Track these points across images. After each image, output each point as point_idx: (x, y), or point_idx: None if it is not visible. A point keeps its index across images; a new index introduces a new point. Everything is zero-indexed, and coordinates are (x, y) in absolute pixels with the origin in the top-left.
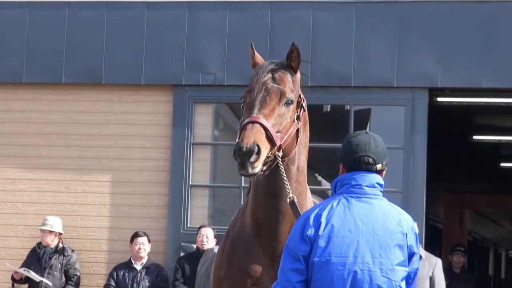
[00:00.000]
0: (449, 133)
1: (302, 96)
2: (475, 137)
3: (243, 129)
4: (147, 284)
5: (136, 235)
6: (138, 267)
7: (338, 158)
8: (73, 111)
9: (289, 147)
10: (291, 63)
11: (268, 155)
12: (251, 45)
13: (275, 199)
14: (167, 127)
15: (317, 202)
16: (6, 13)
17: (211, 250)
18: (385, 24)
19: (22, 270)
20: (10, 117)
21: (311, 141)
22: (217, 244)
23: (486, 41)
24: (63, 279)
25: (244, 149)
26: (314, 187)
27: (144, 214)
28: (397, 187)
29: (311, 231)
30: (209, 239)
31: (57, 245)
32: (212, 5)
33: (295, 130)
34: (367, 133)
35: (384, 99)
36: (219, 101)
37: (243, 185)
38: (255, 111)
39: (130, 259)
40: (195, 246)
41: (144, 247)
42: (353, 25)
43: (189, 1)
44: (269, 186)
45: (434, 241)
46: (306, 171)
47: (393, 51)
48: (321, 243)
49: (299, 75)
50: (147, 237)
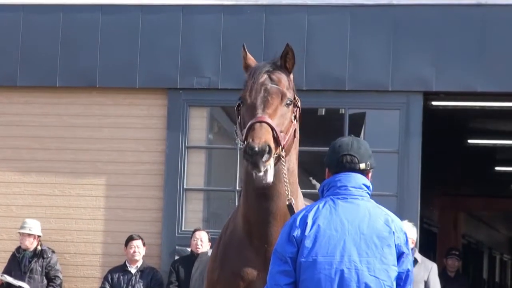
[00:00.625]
0: (444, 137)
1: (296, 96)
2: (470, 141)
3: (250, 129)
4: (142, 287)
5: (130, 239)
6: (133, 270)
7: (324, 163)
8: (68, 115)
9: (289, 148)
10: (285, 64)
11: (275, 155)
12: (243, 46)
13: (266, 200)
14: (162, 130)
15: (309, 204)
16: (0, 16)
17: (206, 253)
18: (380, 28)
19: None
20: (4, 120)
21: (305, 144)
22: (211, 247)
23: (480, 45)
24: (44, 281)
25: (256, 148)
26: (308, 190)
27: (138, 217)
28: (391, 190)
29: (297, 232)
30: (203, 243)
31: (35, 248)
32: (207, 9)
33: (293, 130)
34: (350, 135)
35: (378, 103)
36: (213, 104)
37: (237, 188)
38: (260, 111)
39: (124, 263)
40: (189, 249)
41: (139, 250)
42: (348, 29)
43: (183, 4)
44: (259, 187)
45: (428, 245)
46: (296, 172)
47: (387, 55)
48: (308, 243)
49: (292, 76)
50: (142, 240)
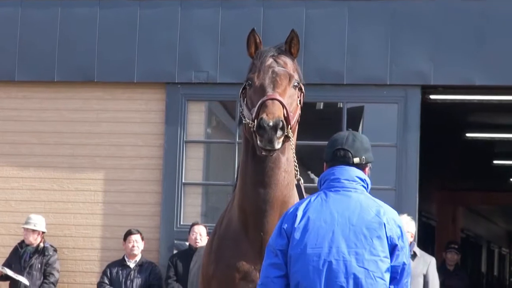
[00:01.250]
0: (442, 130)
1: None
2: (468, 135)
3: (262, 105)
4: (141, 282)
5: (129, 233)
6: (131, 264)
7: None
8: (66, 109)
9: (294, 130)
10: (290, 49)
11: (286, 133)
12: (253, 30)
13: (263, 188)
14: (160, 125)
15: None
16: None
17: (204, 248)
18: (378, 21)
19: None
20: (2, 115)
21: (303, 138)
22: None
23: (478, 39)
24: (42, 278)
25: (271, 123)
26: (306, 184)
27: (137, 212)
28: (390, 184)
29: (287, 225)
30: (202, 237)
31: (38, 245)
32: (204, 3)
33: (298, 114)
34: (349, 129)
35: (377, 97)
36: (212, 99)
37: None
38: (270, 90)
39: (123, 257)
40: (187, 243)
41: (137, 245)
42: (346, 22)
43: None
44: (257, 174)
45: (427, 239)
46: (293, 162)
47: (385, 48)
48: (297, 235)
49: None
50: (140, 235)
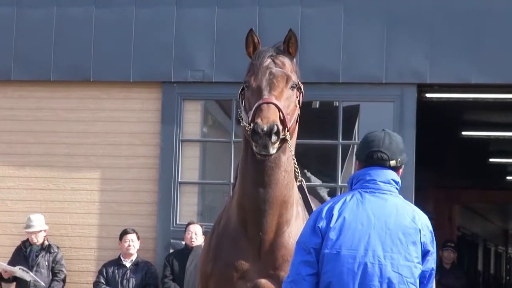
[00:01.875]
0: (438, 129)
1: (300, 81)
2: (464, 133)
3: (257, 109)
4: (136, 281)
5: (125, 232)
6: (127, 264)
7: (355, 155)
8: (62, 109)
9: (292, 132)
10: (288, 49)
11: (282, 136)
12: (252, 30)
13: (263, 187)
14: (156, 124)
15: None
16: None
17: (200, 246)
18: (374, 20)
19: (17, 268)
20: None
21: (300, 137)
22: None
23: (474, 37)
24: (50, 276)
25: (265, 128)
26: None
27: (133, 211)
28: None
29: (322, 223)
30: (197, 236)
31: (42, 243)
32: (200, 2)
33: (297, 114)
34: (383, 130)
35: (372, 95)
36: (208, 98)
37: (232, 181)
38: (266, 93)
39: (119, 256)
40: (183, 243)
41: (133, 244)
42: (342, 21)
43: None
44: (257, 173)
45: None
46: (292, 161)
47: (381, 47)
48: (332, 235)
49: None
50: (136, 234)
